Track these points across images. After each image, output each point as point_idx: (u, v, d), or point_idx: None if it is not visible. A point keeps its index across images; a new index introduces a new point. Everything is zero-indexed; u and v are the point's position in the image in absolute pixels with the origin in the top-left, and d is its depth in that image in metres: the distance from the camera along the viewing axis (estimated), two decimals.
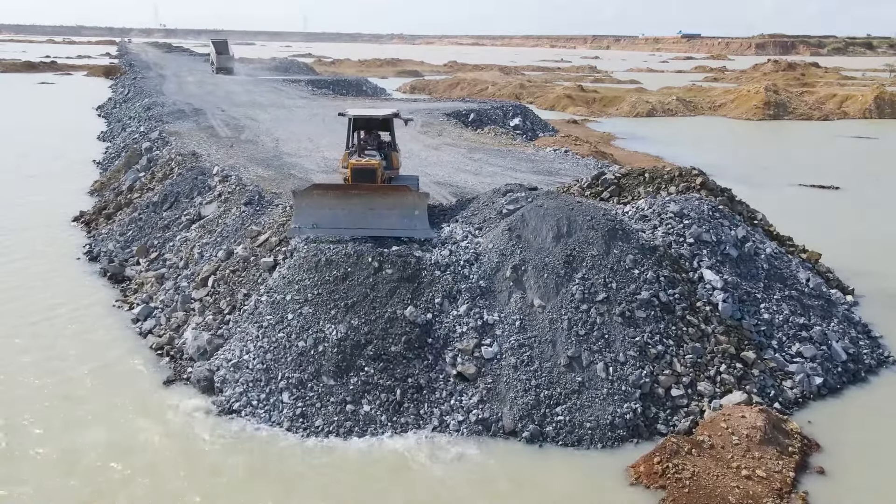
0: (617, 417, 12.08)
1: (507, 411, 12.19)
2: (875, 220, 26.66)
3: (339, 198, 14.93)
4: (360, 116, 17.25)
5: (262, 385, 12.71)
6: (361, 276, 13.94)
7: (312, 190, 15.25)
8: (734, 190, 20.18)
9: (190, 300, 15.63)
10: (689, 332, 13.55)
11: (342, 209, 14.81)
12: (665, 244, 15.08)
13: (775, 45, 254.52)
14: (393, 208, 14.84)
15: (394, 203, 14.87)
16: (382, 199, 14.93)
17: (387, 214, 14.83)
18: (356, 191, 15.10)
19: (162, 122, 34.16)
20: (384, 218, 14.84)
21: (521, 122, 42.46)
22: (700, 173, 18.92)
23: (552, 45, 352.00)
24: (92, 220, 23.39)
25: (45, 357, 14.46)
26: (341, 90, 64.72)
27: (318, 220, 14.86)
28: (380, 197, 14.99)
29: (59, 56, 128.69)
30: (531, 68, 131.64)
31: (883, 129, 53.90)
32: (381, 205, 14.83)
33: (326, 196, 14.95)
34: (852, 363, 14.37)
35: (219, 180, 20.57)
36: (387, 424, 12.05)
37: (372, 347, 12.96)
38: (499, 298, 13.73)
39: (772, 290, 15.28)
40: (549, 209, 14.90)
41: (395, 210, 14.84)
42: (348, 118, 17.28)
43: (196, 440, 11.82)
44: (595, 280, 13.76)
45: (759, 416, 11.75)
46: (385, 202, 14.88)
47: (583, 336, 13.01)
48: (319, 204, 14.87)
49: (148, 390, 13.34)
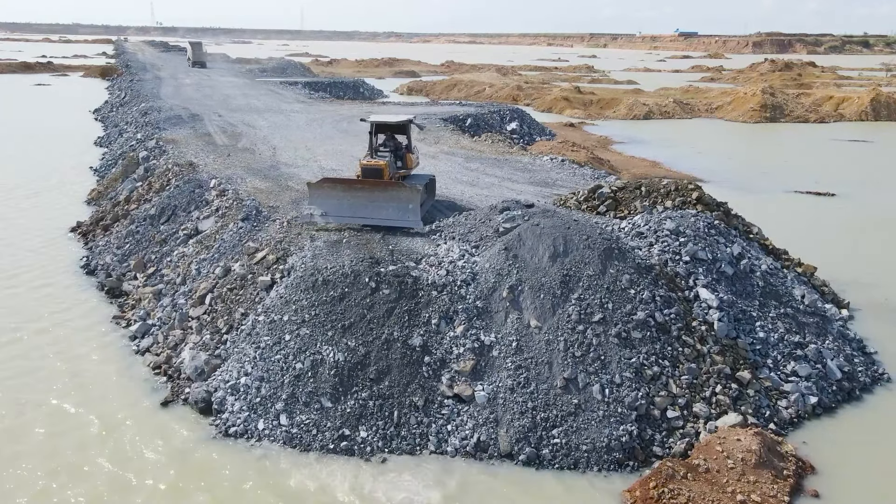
0: (613, 440, 12.15)
1: (503, 434, 12.25)
2: (870, 229, 26.75)
3: (345, 190, 16.92)
4: (379, 122, 19.44)
5: (260, 407, 12.75)
6: (358, 296, 14.00)
7: (323, 182, 17.33)
8: (731, 197, 20.24)
9: (187, 318, 15.67)
10: (685, 352, 13.61)
11: (348, 200, 16.81)
12: (661, 262, 15.15)
13: (772, 43, 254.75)
14: (390, 201, 16.67)
15: (391, 197, 16.69)
16: (382, 193, 16.76)
17: (385, 206, 16.71)
18: (360, 185, 17.09)
19: (159, 129, 34.13)
20: (383, 209, 16.74)
21: (519, 127, 42.46)
22: (696, 188, 18.97)
23: (549, 43, 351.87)
24: (89, 232, 23.39)
25: (43, 377, 14.48)
26: (338, 92, 64.73)
27: (327, 209, 16.94)
28: (379, 191, 16.81)
29: (55, 56, 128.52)
30: (528, 68, 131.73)
31: (879, 132, 54.01)
32: (381, 198, 16.71)
33: (335, 188, 16.99)
34: (847, 381, 14.45)
35: (216, 194, 20.58)
36: (384, 449, 12.10)
37: (369, 370, 13.01)
38: (495, 319, 13.78)
39: (767, 307, 15.36)
40: (546, 228, 14.96)
41: (392, 203, 16.67)
42: (370, 123, 19.43)
43: (194, 462, 11.87)
44: (591, 300, 13.82)
45: (754, 439, 11.82)
46: (384, 196, 16.72)
47: (579, 357, 13.07)
48: (329, 195, 16.91)
49: (146, 411, 13.37)
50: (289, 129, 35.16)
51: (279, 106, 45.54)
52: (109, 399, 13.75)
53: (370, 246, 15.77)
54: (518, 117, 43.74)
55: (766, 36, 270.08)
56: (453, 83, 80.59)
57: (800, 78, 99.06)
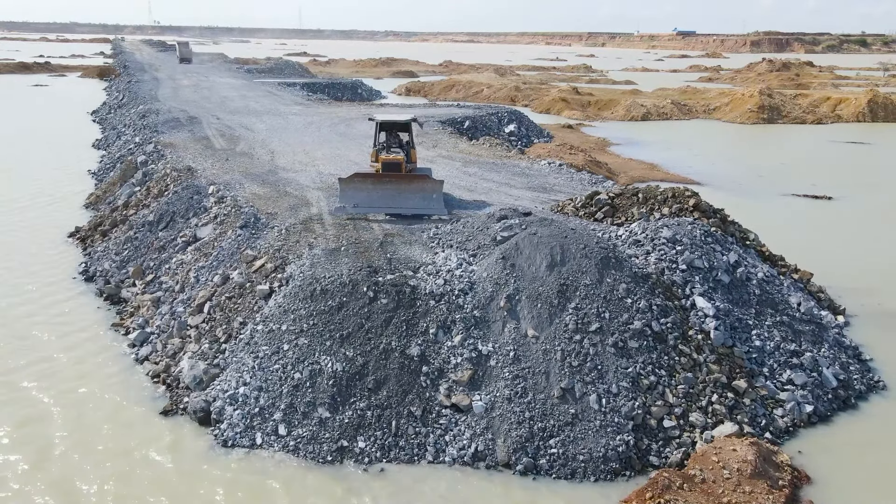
0: (610, 450, 12.22)
1: (501, 444, 12.32)
2: (866, 233, 26.85)
3: (374, 183, 18.57)
4: (385, 121, 21.50)
5: (258, 418, 12.81)
6: (356, 305, 14.06)
7: (354, 177, 18.76)
8: (728, 201, 20.30)
9: (186, 326, 15.72)
10: (682, 361, 13.69)
11: (377, 192, 18.42)
12: (658, 271, 15.22)
13: (770, 42, 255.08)
14: (416, 192, 18.45)
15: (417, 188, 18.50)
16: (408, 185, 18.51)
17: (411, 197, 18.42)
18: (388, 178, 18.81)
19: (157, 132, 34.14)
20: (409, 199, 18.41)
21: (517, 129, 42.56)
22: (693, 194, 19.05)
23: (548, 42, 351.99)
24: (87, 237, 23.42)
25: (43, 386, 14.52)
26: (336, 93, 64.79)
27: (358, 201, 18.46)
28: (406, 183, 18.57)
29: (52, 55, 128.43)
30: (526, 67, 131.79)
31: (876, 134, 54.16)
32: (407, 189, 18.43)
33: (365, 182, 18.57)
34: (843, 389, 14.54)
35: (214, 201, 20.62)
36: (382, 459, 12.16)
37: (367, 379, 13.07)
38: (493, 328, 13.85)
39: (763, 315, 15.44)
40: (543, 237, 15.03)
41: (418, 194, 18.46)
42: (376, 122, 21.43)
43: (193, 473, 11.92)
44: (588, 310, 13.89)
45: (750, 449, 11.90)
46: (410, 187, 18.48)
47: (576, 367, 13.14)
48: (359, 188, 18.46)
49: (145, 420, 13.42)
50: (287, 132, 35.20)
51: (277, 108, 45.57)
52: (109, 408, 13.78)
53: (368, 254, 15.82)
54: (516, 119, 43.83)
55: (764, 35, 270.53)
56: (451, 84, 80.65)
57: (797, 78, 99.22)
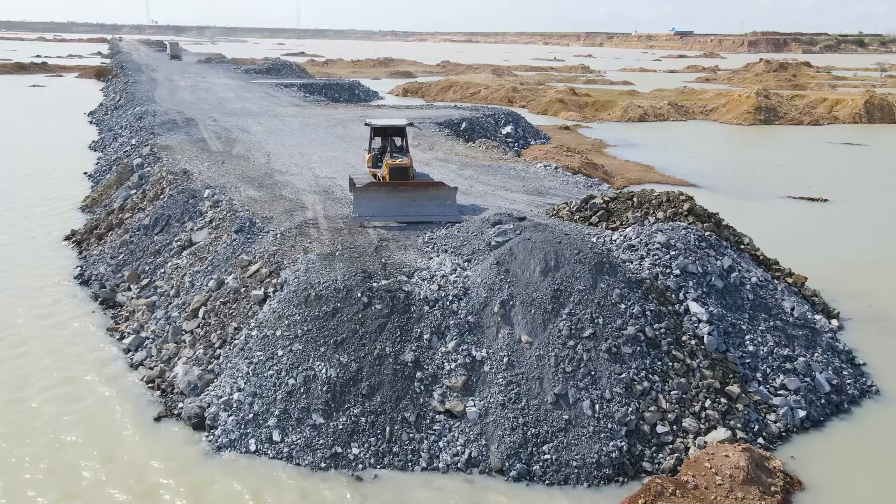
0: (603, 456, 12.25)
1: (494, 450, 12.35)
2: (861, 235, 26.91)
3: (388, 192, 18.58)
4: (381, 126, 21.35)
5: (252, 424, 12.83)
6: (351, 311, 14.08)
7: (369, 186, 18.89)
8: (723, 203, 20.33)
9: (181, 331, 15.73)
10: (675, 366, 13.73)
11: (392, 201, 18.44)
12: (652, 276, 15.26)
13: (767, 42, 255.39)
14: (431, 199, 18.57)
15: (432, 196, 18.63)
16: (423, 193, 18.65)
17: (426, 204, 18.55)
18: (403, 186, 18.81)
19: (154, 134, 34.14)
20: (424, 207, 18.54)
21: (514, 131, 42.55)
22: (687, 198, 19.08)
23: (545, 42, 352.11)
24: (83, 240, 23.42)
25: (37, 389, 14.53)
26: (334, 94, 64.77)
27: (374, 211, 18.44)
28: (420, 191, 18.71)
29: (49, 56, 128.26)
30: (524, 68, 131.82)
31: (872, 135, 54.26)
32: (422, 197, 18.56)
33: (380, 191, 18.67)
34: (835, 394, 14.58)
35: (210, 205, 20.62)
36: (376, 465, 12.19)
37: (361, 385, 13.09)
38: (487, 334, 13.87)
39: (757, 320, 15.48)
40: (537, 242, 15.06)
41: (433, 201, 18.57)
42: (371, 127, 21.29)
43: (186, 479, 11.92)
44: (582, 315, 13.92)
45: (743, 455, 11.93)
46: (425, 195, 18.61)
47: (569, 373, 13.17)
48: (373, 197, 18.53)
49: (139, 426, 13.42)
50: (283, 134, 35.19)
51: (274, 109, 45.55)
52: (103, 413, 13.80)
53: (363, 259, 15.85)
54: (513, 121, 43.84)
55: (762, 35, 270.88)
56: (449, 85, 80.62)
57: (794, 79, 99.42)
